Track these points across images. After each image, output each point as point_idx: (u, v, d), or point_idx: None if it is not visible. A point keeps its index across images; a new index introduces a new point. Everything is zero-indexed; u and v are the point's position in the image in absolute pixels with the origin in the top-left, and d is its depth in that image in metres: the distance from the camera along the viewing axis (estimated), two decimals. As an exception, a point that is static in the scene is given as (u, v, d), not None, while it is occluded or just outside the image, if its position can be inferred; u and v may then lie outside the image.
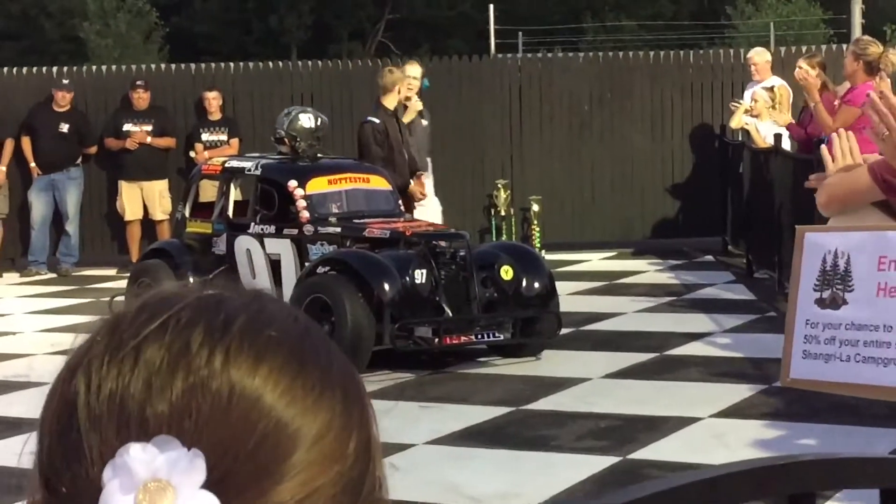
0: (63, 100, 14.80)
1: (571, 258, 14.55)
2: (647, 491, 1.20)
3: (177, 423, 0.86)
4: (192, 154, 14.73)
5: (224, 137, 14.90)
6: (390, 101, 11.43)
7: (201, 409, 0.86)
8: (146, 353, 0.89)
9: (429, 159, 11.72)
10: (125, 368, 0.89)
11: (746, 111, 13.14)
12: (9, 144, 14.86)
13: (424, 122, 11.67)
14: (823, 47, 16.43)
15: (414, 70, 11.70)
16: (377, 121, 11.26)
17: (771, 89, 13.12)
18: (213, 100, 14.95)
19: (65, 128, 14.78)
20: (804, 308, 3.37)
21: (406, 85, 11.59)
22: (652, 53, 16.15)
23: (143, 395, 0.87)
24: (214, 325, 0.91)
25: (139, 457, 0.85)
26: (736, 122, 13.44)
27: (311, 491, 0.87)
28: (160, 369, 0.88)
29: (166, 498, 0.84)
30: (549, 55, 18.42)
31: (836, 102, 10.10)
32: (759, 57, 13.49)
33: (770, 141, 12.18)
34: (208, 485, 0.84)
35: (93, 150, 14.95)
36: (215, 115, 15.00)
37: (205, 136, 14.88)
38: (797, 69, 11.81)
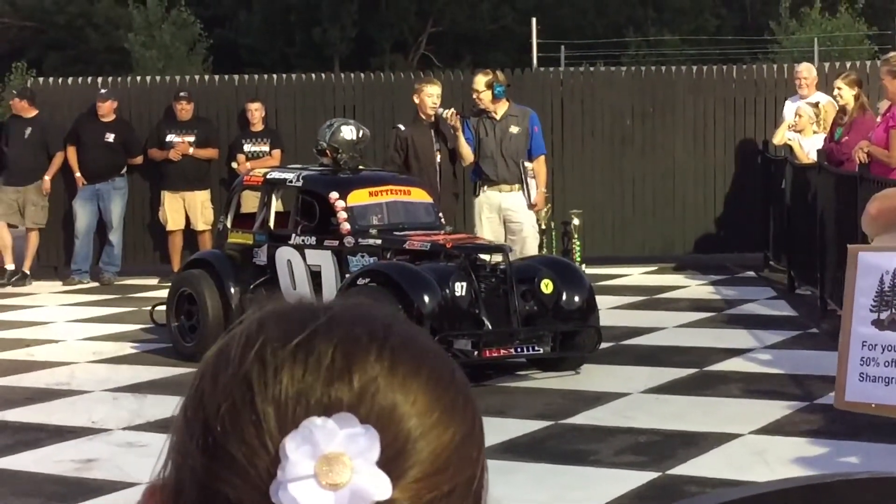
0: (106, 109, 14.90)
1: (612, 272, 14.51)
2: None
3: (354, 407, 0.92)
4: (233, 165, 14.79)
5: (266, 148, 14.96)
6: (423, 115, 11.59)
7: (376, 400, 0.93)
8: (319, 346, 0.95)
9: (528, 164, 11.55)
10: (300, 356, 0.95)
11: (790, 127, 13.09)
12: (58, 158, 14.97)
13: (515, 130, 11.56)
14: (868, 63, 16.33)
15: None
16: (402, 128, 11.50)
17: (816, 105, 13.06)
18: (255, 111, 15.02)
19: (110, 138, 14.88)
20: (860, 329, 3.30)
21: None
22: (695, 68, 16.10)
23: (323, 382, 0.94)
24: (376, 328, 0.98)
25: (321, 429, 0.91)
26: (779, 139, 13.39)
27: (454, 486, 0.96)
28: (335, 361, 0.94)
29: (346, 470, 0.90)
30: (592, 69, 18.40)
31: (880, 123, 10.04)
32: (809, 72, 13.54)
33: (813, 157, 12.12)
34: (380, 464, 0.91)
35: (138, 160, 15.04)
36: (258, 127, 15.06)
37: (247, 147, 14.95)
38: (835, 89, 11.77)
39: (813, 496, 1.23)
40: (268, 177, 10.63)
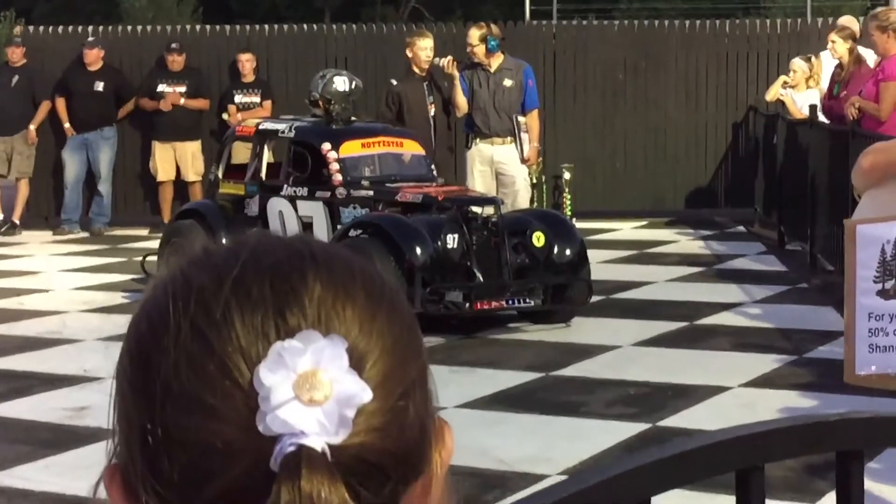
0: (92, 58, 14.84)
1: (603, 227, 14.54)
2: (697, 443, 1.20)
3: (312, 326, 0.94)
4: (224, 116, 14.76)
5: (257, 99, 14.92)
6: (416, 68, 11.54)
7: (326, 312, 0.95)
8: (254, 279, 0.97)
9: (522, 119, 11.50)
10: (240, 293, 0.96)
11: (785, 83, 13.09)
12: (44, 106, 14.92)
13: (508, 83, 11.51)
14: (861, 18, 16.31)
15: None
16: (394, 83, 11.50)
17: (808, 59, 13.05)
18: (246, 62, 14.97)
19: (100, 86, 14.83)
20: (865, 301, 3.30)
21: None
22: (687, 23, 16.07)
23: (273, 311, 0.95)
24: (297, 248, 1.00)
25: (289, 350, 0.92)
26: (772, 95, 13.38)
27: (413, 379, 0.99)
28: (275, 288, 0.96)
29: (324, 383, 0.91)
30: (584, 23, 18.36)
31: (870, 77, 10.04)
32: (851, 24, 12.02)
33: (806, 112, 12.12)
34: (350, 369, 0.94)
35: (130, 105, 14.99)
36: (249, 78, 15.02)
37: (238, 98, 14.91)
38: (829, 43, 11.75)
39: (817, 434, 1.25)
40: (260, 127, 10.61)
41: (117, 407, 0.99)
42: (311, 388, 0.91)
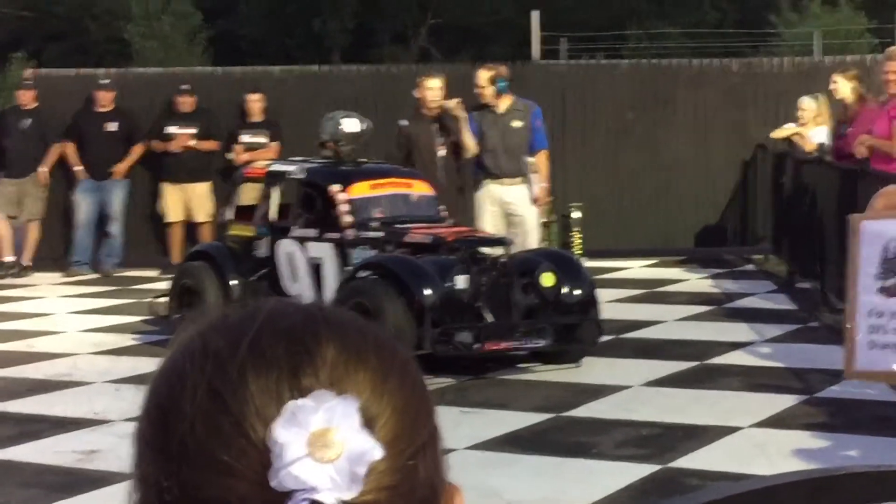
0: (104, 100, 14.92)
1: (612, 266, 14.54)
2: (701, 499, 1.21)
3: (324, 386, 0.97)
4: (229, 156, 14.80)
5: (264, 140, 14.96)
6: (425, 108, 11.57)
7: (339, 374, 0.99)
8: (269, 342, 1.00)
9: (530, 159, 11.53)
10: (256, 355, 0.99)
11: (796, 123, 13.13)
12: (55, 149, 14.99)
13: (517, 124, 11.54)
14: (868, 56, 16.35)
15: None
16: (404, 124, 11.49)
17: (817, 98, 13.08)
18: (255, 102, 15.03)
19: (112, 126, 14.91)
20: (866, 298, 3.31)
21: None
22: (695, 61, 16.13)
23: (288, 373, 0.98)
24: (312, 313, 1.04)
25: (303, 409, 0.95)
26: (778, 133, 13.40)
27: (424, 440, 1.01)
28: (290, 350, 0.99)
29: (336, 441, 0.94)
30: (593, 62, 18.41)
31: (881, 115, 10.05)
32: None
33: (817, 141, 12.15)
34: (361, 427, 0.96)
35: (139, 147, 15.04)
36: (257, 118, 15.08)
37: (245, 138, 14.95)
38: (831, 83, 11.79)
39: (821, 489, 1.26)
40: (269, 169, 10.65)
41: (134, 466, 1.01)
42: (323, 446, 0.93)
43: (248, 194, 11.54)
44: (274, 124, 15.21)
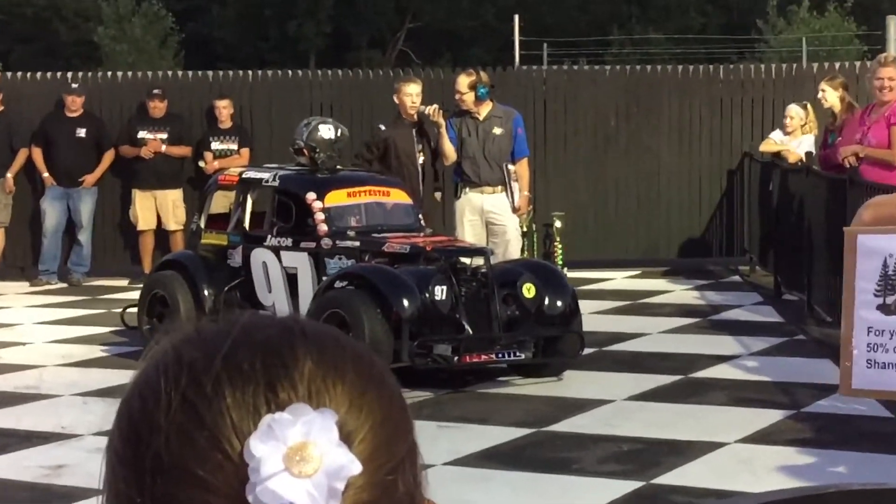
0: (74, 104, 14.88)
1: (595, 276, 14.56)
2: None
3: (302, 399, 0.98)
4: (201, 164, 14.80)
5: (235, 147, 14.96)
6: (404, 114, 11.58)
7: (317, 387, 0.99)
8: (245, 354, 1.00)
9: (511, 167, 11.53)
10: (231, 367, 0.99)
11: (784, 130, 13.18)
12: (21, 154, 14.93)
13: (498, 131, 11.54)
14: (858, 63, 16.42)
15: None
16: (383, 128, 11.53)
17: (805, 106, 13.13)
18: (223, 108, 15.02)
19: (81, 132, 14.86)
20: (864, 315, 3.30)
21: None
22: (680, 67, 16.17)
23: (264, 386, 0.98)
24: (288, 325, 1.04)
25: (280, 422, 0.95)
26: (765, 147, 13.44)
27: (402, 455, 1.02)
28: (266, 363, 1.00)
29: (314, 456, 0.94)
30: (575, 67, 18.46)
31: (877, 121, 10.06)
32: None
33: (803, 152, 12.18)
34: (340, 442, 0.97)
35: (110, 154, 14.99)
36: (226, 124, 15.07)
37: (214, 145, 14.95)
38: (819, 91, 11.83)
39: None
40: (243, 176, 10.64)
41: (106, 482, 1.01)
42: (301, 461, 0.94)
43: (220, 202, 11.53)
44: (243, 130, 15.20)
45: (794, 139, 13.05)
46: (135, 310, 10.63)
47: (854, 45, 36.25)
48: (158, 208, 14.91)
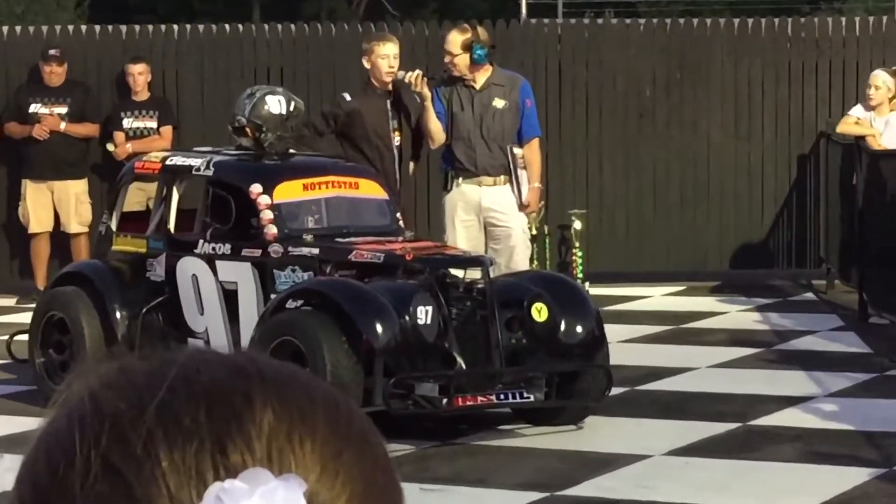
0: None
1: (625, 293, 14.58)
2: None
3: (260, 462, 0.97)
4: (109, 147, 14.77)
5: (153, 124, 14.94)
6: (376, 82, 11.52)
7: (279, 446, 0.99)
8: (185, 404, 1.00)
9: (518, 151, 11.51)
10: (168, 422, 0.99)
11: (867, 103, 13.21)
12: None
13: (500, 104, 11.52)
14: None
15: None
16: (347, 98, 11.50)
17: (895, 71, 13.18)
18: (138, 75, 15.01)
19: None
20: None
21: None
22: (736, 21, 16.20)
23: (211, 443, 0.98)
24: (242, 366, 1.04)
25: (231, 493, 0.95)
26: (845, 129, 13.47)
27: None
28: (212, 416, 0.99)
29: None
30: (599, 21, 18.50)
31: None
32: None
33: (890, 142, 12.21)
34: None
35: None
36: (142, 95, 15.06)
37: (127, 123, 14.92)
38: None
39: None
40: (167, 163, 10.64)
41: None
42: None
43: (137, 197, 11.52)
44: (164, 103, 15.18)
45: (880, 116, 13.08)
46: (25, 337, 10.62)
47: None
48: (56, 205, 14.89)
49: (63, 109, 14.93)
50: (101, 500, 0.97)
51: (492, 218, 11.54)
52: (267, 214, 9.89)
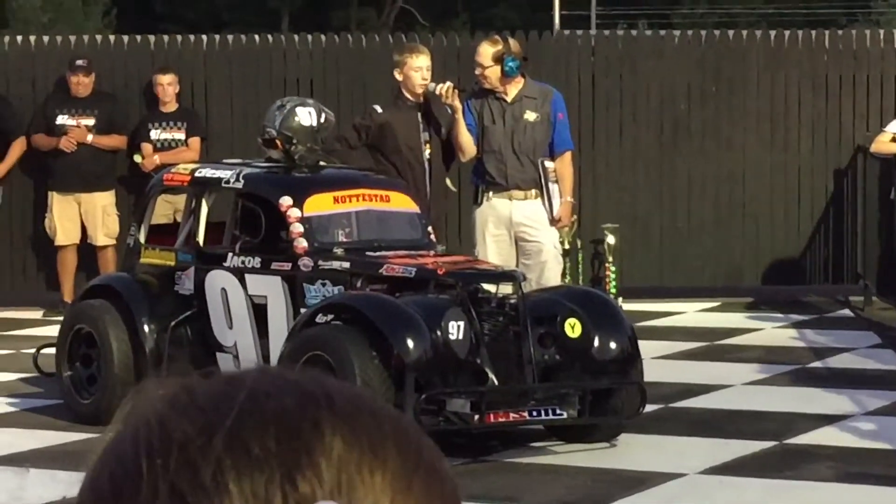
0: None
1: (659, 309, 14.56)
2: None
3: (331, 494, 0.98)
4: (136, 158, 14.80)
5: (181, 136, 14.96)
6: (408, 94, 11.52)
7: (349, 478, 0.99)
8: (254, 431, 1.00)
9: (550, 164, 11.49)
10: (237, 449, 0.99)
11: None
12: None
13: (532, 117, 11.51)
14: None
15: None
16: (378, 110, 11.51)
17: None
18: (167, 85, 15.03)
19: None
20: None
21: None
22: (773, 33, 16.18)
23: (281, 474, 0.99)
24: (311, 392, 1.04)
25: None
26: (880, 147, 13.44)
27: None
28: (282, 444, 0.99)
29: None
30: (633, 32, 18.49)
31: None
32: None
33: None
34: None
35: (19, 145, 15.01)
36: (170, 106, 15.08)
37: (155, 135, 14.94)
38: None
39: None
40: (196, 175, 10.66)
41: None
42: None
43: (165, 209, 11.56)
44: (193, 115, 15.20)
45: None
46: (52, 351, 10.64)
47: None
48: (83, 217, 14.93)
49: (90, 121, 14.95)
50: None
51: (523, 232, 11.54)
52: (297, 228, 9.90)
